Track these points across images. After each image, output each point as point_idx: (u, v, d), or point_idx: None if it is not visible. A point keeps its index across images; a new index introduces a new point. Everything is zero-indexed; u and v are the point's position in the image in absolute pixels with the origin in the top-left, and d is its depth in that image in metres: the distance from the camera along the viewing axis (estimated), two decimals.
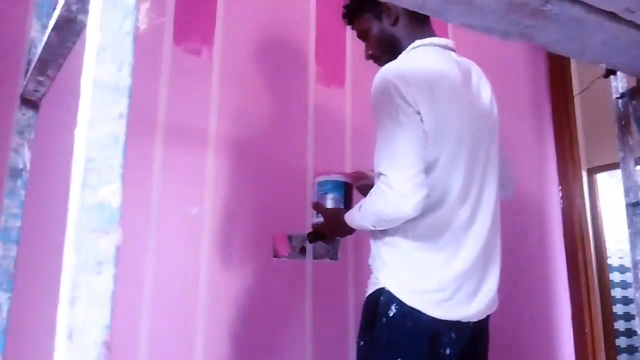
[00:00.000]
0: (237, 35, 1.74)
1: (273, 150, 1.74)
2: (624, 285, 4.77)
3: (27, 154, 0.74)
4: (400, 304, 1.15)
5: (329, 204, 1.37)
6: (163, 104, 1.57)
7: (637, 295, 1.28)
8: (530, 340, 2.24)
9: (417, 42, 1.26)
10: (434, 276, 1.17)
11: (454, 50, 1.30)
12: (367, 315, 1.22)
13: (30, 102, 0.74)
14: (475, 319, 1.21)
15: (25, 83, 0.71)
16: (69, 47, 0.59)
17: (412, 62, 1.20)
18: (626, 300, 4.75)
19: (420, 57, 1.23)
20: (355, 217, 1.23)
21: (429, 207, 1.17)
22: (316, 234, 1.43)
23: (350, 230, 1.31)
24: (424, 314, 1.14)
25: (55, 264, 1.35)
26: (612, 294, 4.51)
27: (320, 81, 1.87)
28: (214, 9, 1.71)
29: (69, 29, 0.54)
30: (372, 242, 1.28)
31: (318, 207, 1.39)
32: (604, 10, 0.96)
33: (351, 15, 1.37)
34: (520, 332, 2.20)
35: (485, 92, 1.32)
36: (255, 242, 1.66)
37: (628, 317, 4.72)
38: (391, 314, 1.15)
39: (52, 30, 0.55)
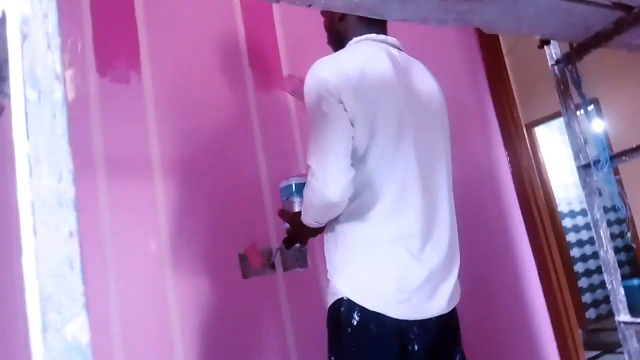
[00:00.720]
0: (164, 54, 1.66)
1: (222, 165, 1.68)
2: (576, 229, 5.01)
3: None
4: (362, 310, 1.13)
5: (296, 207, 1.36)
6: (99, 138, 1.48)
7: (602, 253, 1.32)
8: (503, 297, 2.30)
9: (355, 38, 1.30)
10: (392, 275, 1.15)
11: (396, 47, 1.32)
12: (332, 327, 1.20)
13: None
14: (438, 314, 1.20)
15: None
16: None
17: (339, 56, 1.24)
18: (580, 243, 4.99)
19: (350, 51, 1.27)
20: (303, 214, 1.23)
21: (370, 201, 1.17)
22: (290, 240, 1.41)
23: (318, 229, 1.30)
24: (387, 316, 1.12)
25: None
26: (567, 239, 4.75)
27: (258, 87, 1.82)
28: (134, 32, 1.62)
29: None
30: (325, 248, 1.27)
31: (282, 214, 1.39)
32: None
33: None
34: (492, 294, 2.25)
35: (426, 87, 1.31)
36: (222, 263, 1.61)
37: (585, 258, 4.97)
38: (355, 322, 1.13)
39: None
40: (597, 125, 3.69)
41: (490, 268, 2.29)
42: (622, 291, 1.30)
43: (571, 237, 4.91)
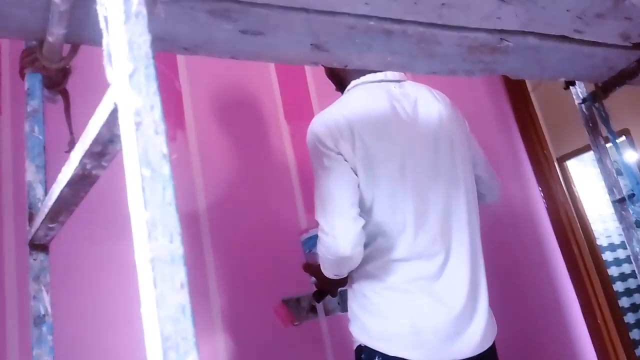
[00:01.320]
0: (206, 112, 1.77)
1: (265, 213, 1.76)
2: (618, 262, 4.87)
3: (46, 298, 0.74)
4: (383, 356, 1.13)
5: None
6: None
7: None
8: (548, 342, 2.26)
9: (353, 82, 1.30)
10: (404, 318, 1.15)
11: (397, 81, 1.29)
12: None
13: (40, 247, 0.74)
14: (465, 357, 1.16)
15: (34, 230, 0.71)
16: (82, 197, 0.60)
17: (335, 108, 1.24)
18: (623, 277, 4.84)
19: (345, 100, 1.27)
20: (322, 269, 1.23)
21: (384, 247, 1.17)
22: (320, 292, 1.43)
23: (345, 279, 1.30)
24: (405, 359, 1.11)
25: None
26: (609, 273, 4.61)
27: (294, 138, 1.91)
28: (179, 93, 1.74)
29: (83, 184, 0.56)
30: (348, 297, 1.28)
31: (307, 268, 1.39)
32: (555, 35, 1.03)
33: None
34: (535, 333, 2.22)
35: (433, 115, 1.28)
36: (267, 313, 1.65)
37: (629, 292, 4.81)
38: None
39: (66, 186, 0.56)
40: (630, 157, 3.65)
41: (533, 308, 2.26)
42: None
43: (613, 271, 4.76)
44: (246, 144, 1.81)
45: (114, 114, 0.43)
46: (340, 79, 1.35)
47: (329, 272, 1.21)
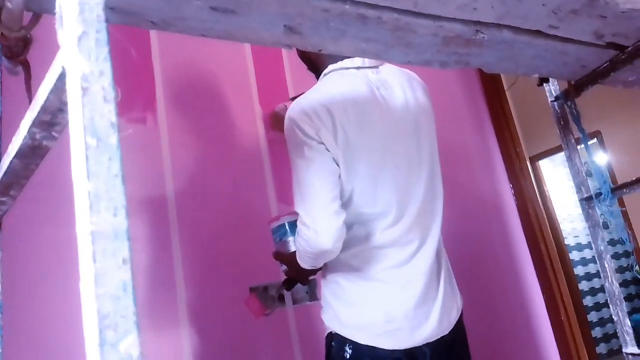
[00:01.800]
0: (178, 96, 1.73)
1: (235, 201, 1.73)
2: (584, 262, 4.99)
3: None
4: (353, 344, 1.14)
5: (292, 247, 1.33)
6: None
7: (607, 284, 1.34)
8: (512, 335, 2.29)
9: (330, 67, 1.25)
10: (378, 307, 1.15)
11: (374, 67, 1.27)
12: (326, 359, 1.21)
13: None
14: (435, 338, 1.18)
15: None
16: (33, 169, 0.57)
17: (313, 95, 1.19)
18: (589, 276, 4.96)
19: (324, 87, 1.22)
20: (299, 260, 1.21)
21: (361, 236, 1.17)
22: (290, 281, 1.42)
23: (316, 269, 1.29)
24: (379, 348, 1.12)
25: None
26: (575, 272, 4.73)
27: (267, 126, 1.88)
28: (151, 75, 1.70)
29: (33, 155, 0.53)
30: (321, 284, 1.28)
31: (277, 257, 1.36)
32: (530, 30, 1.02)
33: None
34: (501, 328, 2.25)
35: (409, 101, 1.27)
36: (233, 302, 1.63)
37: (594, 291, 4.93)
38: (347, 356, 1.14)
39: (15, 157, 0.53)
40: (599, 158, 3.73)
41: (498, 302, 2.29)
42: (628, 322, 1.32)
43: (579, 270, 4.88)
44: (218, 129, 1.78)
45: (62, 79, 0.40)
46: (313, 62, 1.32)
47: (305, 264, 1.19)
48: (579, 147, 1.45)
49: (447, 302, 1.22)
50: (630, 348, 1.30)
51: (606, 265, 1.35)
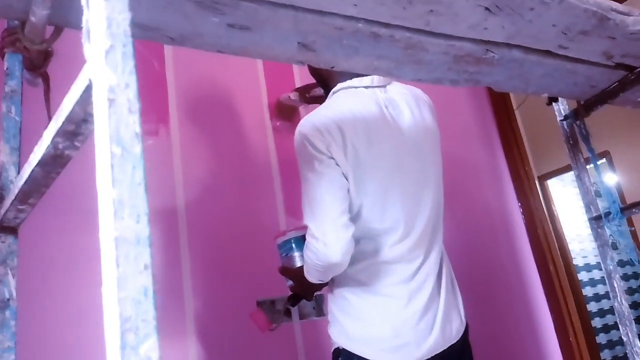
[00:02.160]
0: (190, 109, 1.76)
1: (244, 214, 1.74)
2: (593, 283, 4.94)
3: (12, 282, 0.72)
4: (360, 359, 1.14)
5: (298, 262, 1.34)
6: None
7: (616, 304, 1.33)
8: (520, 355, 2.27)
9: (338, 85, 1.28)
10: (386, 322, 1.16)
11: (382, 86, 1.29)
12: None
13: (9, 229, 0.72)
14: (441, 349, 1.19)
15: (3, 212, 0.69)
16: (53, 178, 0.59)
17: (325, 111, 1.22)
18: (597, 297, 4.91)
19: (334, 104, 1.25)
20: (306, 274, 1.22)
21: (369, 251, 1.19)
22: (296, 296, 1.42)
23: (322, 283, 1.29)
24: None
25: None
26: (584, 293, 4.67)
27: (278, 139, 1.90)
28: (165, 88, 1.73)
29: (55, 164, 0.55)
30: (328, 298, 1.28)
31: (283, 272, 1.37)
32: (540, 50, 1.04)
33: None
34: (509, 348, 2.23)
35: (416, 121, 1.29)
36: (241, 315, 1.64)
37: (602, 313, 4.87)
38: None
39: (37, 165, 0.55)
40: (609, 178, 3.72)
41: (505, 321, 2.28)
42: (638, 343, 1.31)
43: (587, 291, 4.83)
44: (229, 143, 1.80)
45: (88, 91, 0.42)
46: (323, 79, 1.35)
47: (313, 278, 1.20)
48: (588, 166, 1.46)
49: (449, 311, 1.23)
50: None
51: (615, 285, 1.35)
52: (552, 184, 4.60)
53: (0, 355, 0.70)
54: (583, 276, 4.84)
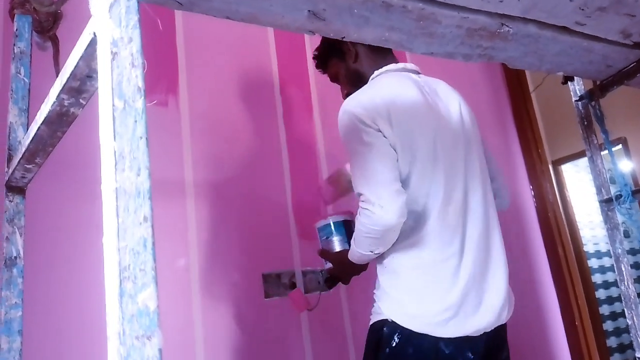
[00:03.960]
0: (201, 81, 1.75)
1: (251, 189, 1.75)
2: (603, 270, 4.91)
3: (19, 241, 0.73)
4: (403, 331, 1.16)
5: (337, 246, 1.38)
6: None
7: (623, 288, 1.32)
8: (526, 338, 2.28)
9: (376, 72, 1.34)
10: (436, 295, 1.18)
11: (415, 72, 1.37)
12: (370, 345, 1.23)
13: (17, 189, 0.73)
14: (485, 330, 1.21)
15: (11, 171, 0.70)
16: (59, 137, 0.59)
17: (368, 90, 1.27)
18: (606, 285, 4.88)
19: (377, 84, 1.30)
20: (354, 250, 1.25)
21: (415, 224, 1.21)
22: (333, 279, 1.44)
23: (362, 267, 1.34)
24: (429, 336, 1.15)
25: (62, 352, 1.31)
26: (593, 280, 4.65)
27: (287, 114, 1.89)
28: (175, 59, 1.72)
29: (61, 122, 0.55)
30: (377, 273, 1.29)
31: (323, 255, 1.42)
32: (556, 25, 1.01)
33: (321, 63, 1.48)
34: (513, 330, 2.23)
35: (454, 105, 1.35)
36: (245, 284, 1.65)
37: (611, 300, 4.85)
38: (394, 344, 1.16)
39: (43, 123, 0.55)
40: (624, 165, 3.66)
41: (516, 316, 2.27)
42: None
43: (597, 279, 4.80)
44: (239, 117, 1.80)
45: (92, 45, 0.42)
46: (358, 73, 1.39)
47: (363, 249, 1.21)
48: (602, 153, 1.44)
49: (498, 288, 1.25)
50: None
51: (623, 269, 1.34)
52: (566, 169, 4.55)
53: (8, 312, 0.71)
54: (593, 263, 4.80)
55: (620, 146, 3.87)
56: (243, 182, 1.73)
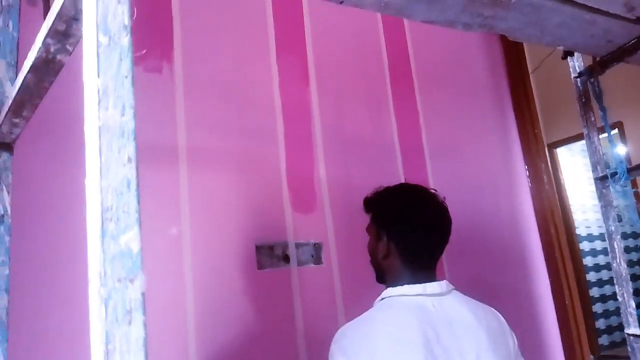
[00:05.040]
0: (195, 46, 1.72)
1: (245, 158, 1.73)
2: (594, 253, 4.96)
3: (6, 198, 0.72)
4: None
5: None
6: None
7: (614, 264, 1.33)
8: (513, 313, 2.29)
9: (387, 291, 1.18)
10: None
11: (437, 295, 1.16)
12: None
13: (4, 145, 0.71)
14: None
15: None
16: (46, 87, 0.57)
17: (363, 328, 1.11)
18: (597, 268, 4.93)
19: (373, 321, 1.13)
20: None
21: None
22: None
23: None
24: None
25: (48, 309, 1.30)
26: (584, 263, 4.70)
27: (283, 81, 1.87)
28: (169, 23, 1.69)
29: (47, 70, 0.53)
30: None
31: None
32: None
33: (366, 208, 1.31)
34: (502, 306, 2.25)
35: (470, 342, 1.11)
36: (238, 254, 1.65)
37: (601, 283, 4.91)
38: None
39: (29, 72, 0.54)
40: (620, 149, 3.67)
41: (502, 281, 2.29)
42: (632, 304, 1.31)
43: (588, 261, 4.85)
44: (234, 83, 1.77)
45: None
46: (382, 271, 1.25)
47: None
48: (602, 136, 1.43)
49: None
50: (633, 329, 1.29)
51: (615, 246, 1.34)
52: (561, 152, 4.56)
53: None
54: (585, 246, 4.85)
55: (616, 130, 3.88)
56: (237, 151, 1.72)
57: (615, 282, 1.34)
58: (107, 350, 0.31)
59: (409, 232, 1.17)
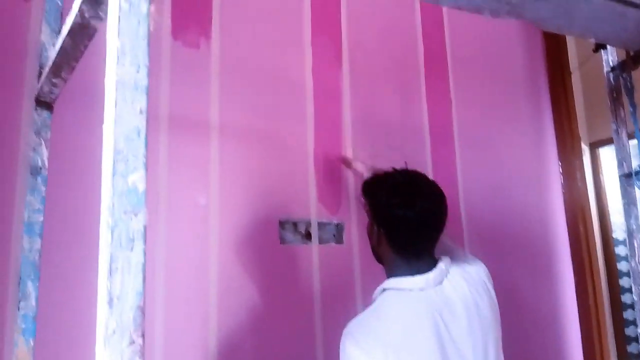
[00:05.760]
0: (234, 24, 1.78)
1: (275, 134, 1.78)
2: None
3: (45, 152, 0.78)
4: None
5: None
6: (165, 98, 1.61)
7: (633, 264, 1.32)
8: (537, 323, 2.28)
9: (390, 281, 1.22)
10: None
11: (438, 284, 1.20)
12: None
13: (45, 104, 0.78)
14: None
15: (40, 86, 0.75)
16: (82, 51, 0.63)
17: (372, 323, 1.15)
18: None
19: (383, 312, 1.17)
20: None
21: None
22: None
23: None
24: None
25: (76, 255, 1.39)
26: (619, 268, 4.57)
27: (316, 60, 1.91)
28: (209, 2, 1.74)
29: (82, 34, 0.59)
30: None
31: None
32: None
33: (362, 192, 1.37)
34: (524, 311, 2.25)
35: (473, 314, 1.19)
36: (262, 229, 1.71)
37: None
38: None
39: (67, 35, 0.59)
40: None
41: (523, 277, 2.28)
42: None
43: (622, 266, 4.72)
44: (267, 64, 1.82)
45: None
46: (379, 257, 1.30)
47: None
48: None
49: None
50: None
51: (635, 245, 1.33)
52: (605, 152, 4.42)
53: (31, 215, 0.77)
54: (621, 250, 4.73)
55: None
56: (267, 129, 1.77)
57: (632, 280, 1.34)
58: (110, 269, 0.36)
59: (395, 230, 1.20)
